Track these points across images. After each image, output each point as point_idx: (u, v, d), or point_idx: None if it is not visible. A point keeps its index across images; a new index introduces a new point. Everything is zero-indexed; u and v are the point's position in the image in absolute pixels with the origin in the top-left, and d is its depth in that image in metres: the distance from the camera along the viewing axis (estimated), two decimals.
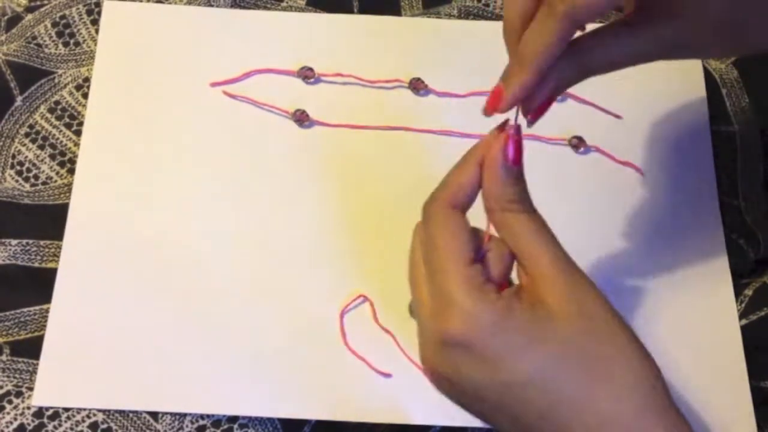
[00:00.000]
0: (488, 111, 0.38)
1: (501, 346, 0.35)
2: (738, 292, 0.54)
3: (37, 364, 0.51)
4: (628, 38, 0.39)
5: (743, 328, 0.53)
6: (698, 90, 0.60)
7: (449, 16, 0.62)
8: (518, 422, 0.36)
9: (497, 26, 0.44)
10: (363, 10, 0.62)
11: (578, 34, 0.37)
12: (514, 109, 0.38)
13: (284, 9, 0.62)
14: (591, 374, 0.34)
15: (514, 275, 0.38)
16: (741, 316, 0.53)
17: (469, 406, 0.38)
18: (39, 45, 0.60)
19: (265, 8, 0.62)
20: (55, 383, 0.50)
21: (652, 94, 0.59)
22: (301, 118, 0.58)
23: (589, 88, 0.59)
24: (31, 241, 0.54)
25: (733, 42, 0.41)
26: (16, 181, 0.56)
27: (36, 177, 0.56)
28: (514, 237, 0.37)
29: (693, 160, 0.58)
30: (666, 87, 0.60)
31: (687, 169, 0.57)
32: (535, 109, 0.39)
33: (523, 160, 0.37)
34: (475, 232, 0.38)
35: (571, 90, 0.58)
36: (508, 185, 0.37)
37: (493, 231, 0.38)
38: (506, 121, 0.38)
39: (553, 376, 0.34)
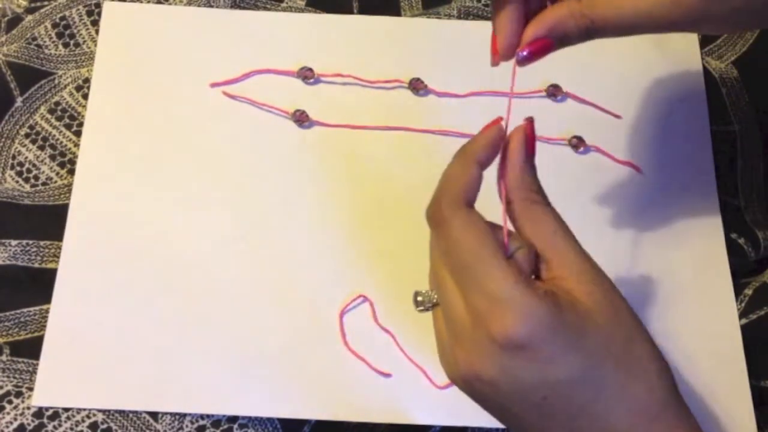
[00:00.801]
0: None
1: (555, 345, 0.34)
2: (738, 291, 0.54)
3: (37, 364, 0.51)
4: None
5: (743, 328, 0.53)
6: (698, 90, 0.60)
7: (449, 16, 0.62)
8: (553, 419, 0.35)
9: None
10: (363, 11, 0.62)
11: None
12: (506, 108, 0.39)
13: (284, 9, 0.62)
14: (627, 370, 0.34)
15: None
16: (741, 316, 0.53)
17: (503, 408, 0.36)
18: (39, 46, 0.60)
19: (265, 9, 0.62)
20: (55, 383, 0.50)
21: (652, 94, 0.60)
22: (301, 119, 0.58)
23: (589, 88, 0.59)
24: (31, 242, 0.54)
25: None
26: (17, 181, 0.56)
27: (36, 178, 0.56)
28: (538, 229, 0.36)
29: (693, 160, 0.58)
30: (666, 87, 0.60)
31: (687, 169, 0.57)
32: (527, 45, 0.39)
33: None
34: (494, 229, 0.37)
35: (571, 90, 0.59)
36: (529, 175, 0.37)
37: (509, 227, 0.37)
38: (498, 118, 0.38)
39: (597, 373, 0.34)
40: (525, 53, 0.39)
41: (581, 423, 0.35)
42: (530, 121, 0.38)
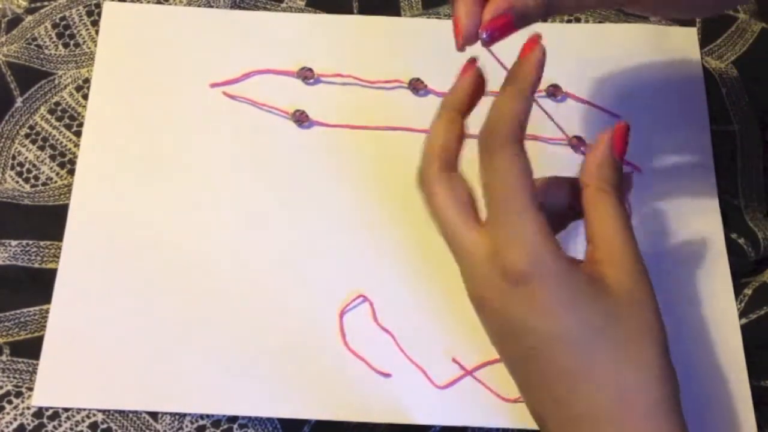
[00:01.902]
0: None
1: (556, 295, 0.35)
2: (738, 291, 0.54)
3: (37, 364, 0.51)
4: None
5: (743, 328, 0.53)
6: (698, 90, 0.60)
7: (449, 16, 0.62)
8: (536, 378, 0.36)
9: None
10: (363, 11, 0.62)
11: None
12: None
13: (284, 10, 0.62)
14: (624, 354, 0.35)
15: None
16: (741, 316, 0.53)
17: (503, 342, 0.38)
18: (39, 46, 0.60)
19: (265, 9, 0.62)
20: (55, 383, 0.50)
21: (652, 94, 0.60)
22: (301, 119, 0.58)
23: (589, 87, 0.59)
24: (31, 242, 0.54)
25: None
26: (16, 182, 0.56)
27: (36, 178, 0.56)
28: (595, 216, 0.38)
29: (693, 160, 0.58)
30: (666, 86, 0.60)
31: (687, 169, 0.57)
32: (488, 23, 0.39)
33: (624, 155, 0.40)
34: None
35: (571, 90, 0.59)
36: (609, 169, 0.39)
37: None
38: (473, 59, 0.41)
39: (592, 343, 0.35)
40: (485, 34, 0.40)
41: (561, 393, 0.35)
42: (625, 125, 0.41)
